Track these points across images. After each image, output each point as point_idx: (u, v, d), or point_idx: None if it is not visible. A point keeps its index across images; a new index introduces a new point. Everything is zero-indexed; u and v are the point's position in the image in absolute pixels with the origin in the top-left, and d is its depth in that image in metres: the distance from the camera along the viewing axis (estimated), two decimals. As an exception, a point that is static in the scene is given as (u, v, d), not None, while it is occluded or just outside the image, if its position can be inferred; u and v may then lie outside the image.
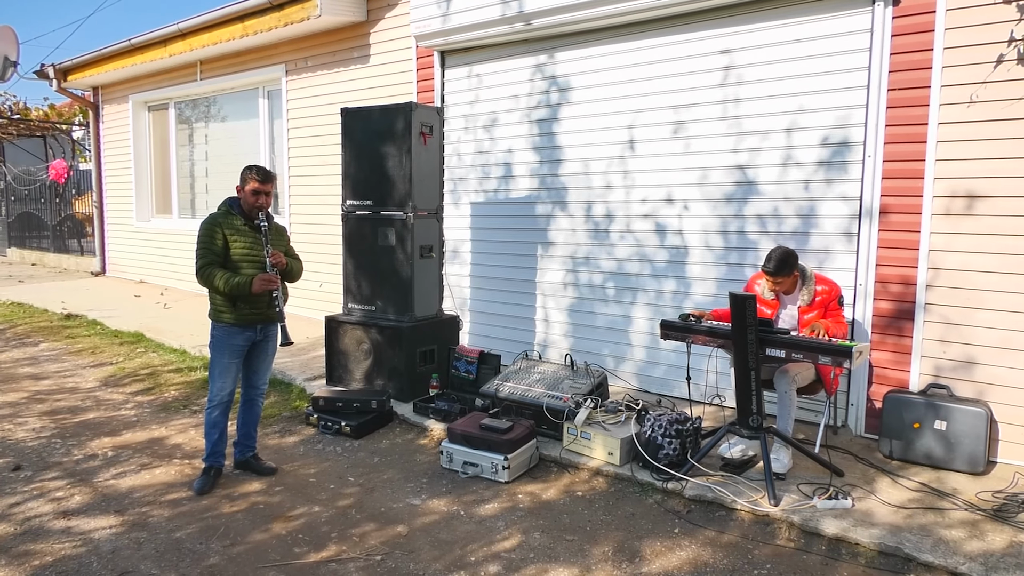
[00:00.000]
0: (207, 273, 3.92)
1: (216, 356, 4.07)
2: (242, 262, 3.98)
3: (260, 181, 3.98)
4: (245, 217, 4.02)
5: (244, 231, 4.01)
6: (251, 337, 4.09)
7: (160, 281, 10.87)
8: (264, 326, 4.14)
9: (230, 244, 3.96)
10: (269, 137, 8.97)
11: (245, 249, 3.99)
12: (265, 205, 4.03)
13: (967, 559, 3.15)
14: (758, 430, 3.93)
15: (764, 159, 4.93)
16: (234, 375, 4.11)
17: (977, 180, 4.14)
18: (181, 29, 8.75)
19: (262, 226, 4.01)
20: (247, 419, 4.30)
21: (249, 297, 3.97)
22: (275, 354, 4.32)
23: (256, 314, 4.04)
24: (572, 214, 5.95)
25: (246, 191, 3.99)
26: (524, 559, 3.35)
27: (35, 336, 7.95)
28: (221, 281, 3.89)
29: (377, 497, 4.01)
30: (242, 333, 4.05)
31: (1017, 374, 4.08)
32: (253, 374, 4.25)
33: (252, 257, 4.00)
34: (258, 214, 4.00)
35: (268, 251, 4.01)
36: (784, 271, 4.11)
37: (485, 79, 6.42)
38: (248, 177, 3.99)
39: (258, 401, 4.32)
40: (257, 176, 3.98)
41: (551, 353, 6.07)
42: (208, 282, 3.93)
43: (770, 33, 4.85)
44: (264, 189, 3.99)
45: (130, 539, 3.51)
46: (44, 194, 14.76)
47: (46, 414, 5.35)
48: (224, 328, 4.03)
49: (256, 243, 4.02)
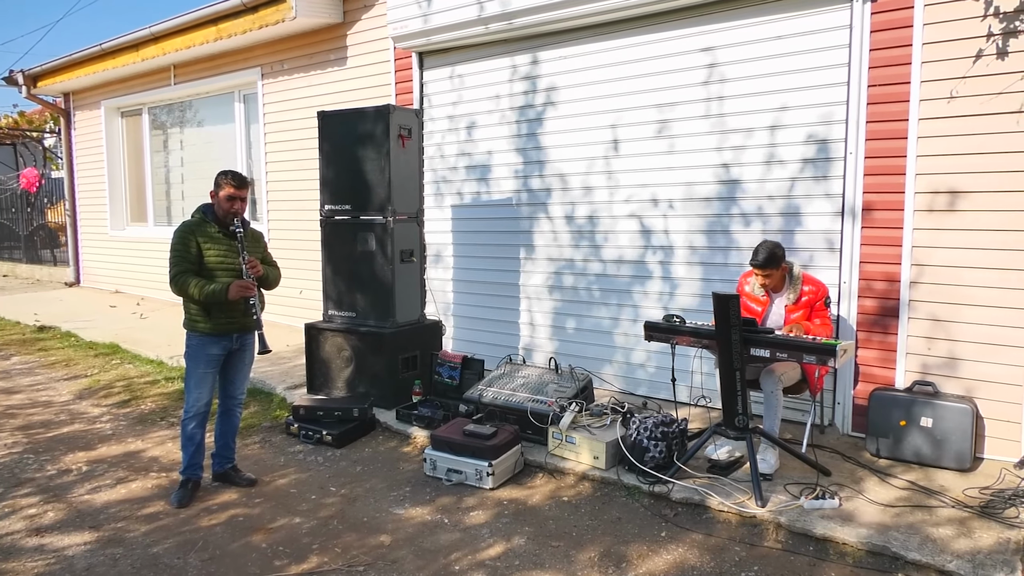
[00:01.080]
0: (181, 281, 3.82)
1: (192, 366, 3.98)
2: (217, 270, 3.89)
3: (235, 187, 3.90)
4: (219, 224, 3.93)
5: (218, 238, 3.92)
6: (227, 346, 4.01)
7: (136, 291, 10.69)
8: (240, 335, 4.05)
9: (204, 252, 3.87)
10: (246, 142, 8.85)
11: (220, 256, 3.90)
12: (240, 211, 3.94)
13: (955, 557, 3.13)
14: (744, 431, 3.90)
15: (747, 158, 4.91)
16: (210, 385, 4.01)
17: (959, 176, 4.14)
18: (153, 33, 8.61)
19: (237, 232, 3.92)
20: (225, 430, 4.21)
21: (224, 305, 3.88)
22: (252, 363, 4.23)
23: (232, 323, 3.96)
24: (555, 216, 5.90)
25: (220, 197, 3.91)
26: (510, 567, 3.29)
27: (7, 349, 7.78)
28: (196, 289, 3.80)
29: (359, 507, 3.93)
30: (218, 343, 3.96)
31: (1002, 370, 4.08)
32: (230, 384, 4.16)
33: (227, 264, 3.92)
34: (233, 220, 3.91)
35: (244, 258, 3.92)
36: (772, 264, 4.09)
37: (465, 80, 6.36)
38: (222, 183, 3.90)
39: (236, 411, 4.23)
40: (232, 181, 3.90)
41: (536, 357, 6.01)
42: (182, 290, 3.83)
43: (749, 30, 4.83)
44: (239, 195, 3.91)
45: (105, 555, 3.42)
46: (15, 203, 14.51)
47: (19, 429, 5.21)
48: (199, 338, 3.94)
49: (231, 250, 3.93)
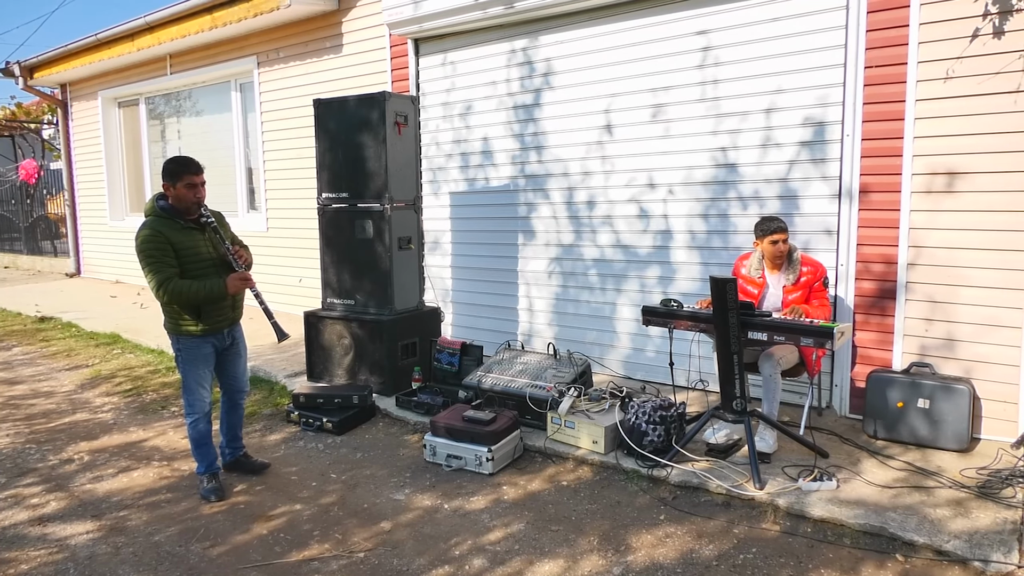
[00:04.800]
0: (171, 287, 3.61)
1: (189, 370, 3.85)
2: (194, 264, 3.72)
3: (194, 173, 3.67)
4: (181, 216, 3.72)
5: (186, 232, 3.71)
6: (219, 344, 3.94)
7: (136, 281, 10.68)
8: (230, 329, 3.99)
9: (177, 251, 3.66)
10: (243, 131, 8.82)
11: (192, 250, 3.72)
12: (203, 198, 3.74)
13: (952, 537, 3.15)
14: (742, 414, 3.91)
15: (744, 141, 4.89)
16: (210, 383, 3.95)
17: (956, 156, 4.12)
18: (148, 22, 8.57)
19: (209, 222, 3.76)
20: (232, 421, 4.21)
21: (214, 303, 3.79)
22: (247, 353, 4.20)
23: (222, 319, 3.88)
24: (553, 201, 5.89)
25: (180, 188, 3.66)
26: (509, 551, 3.31)
27: (8, 340, 7.80)
28: (195, 290, 3.64)
29: (360, 493, 3.96)
30: (210, 341, 3.89)
31: (999, 350, 4.08)
32: (232, 379, 4.12)
33: (203, 257, 3.76)
34: (197, 209, 3.72)
35: (229, 248, 3.80)
36: (785, 227, 4.20)
37: (461, 66, 6.33)
38: (178, 172, 3.66)
39: (241, 403, 4.23)
40: (189, 169, 3.67)
41: (535, 343, 6.02)
42: (176, 296, 3.64)
43: (744, 13, 4.80)
44: (200, 180, 3.70)
45: (108, 544, 3.44)
46: (15, 195, 14.48)
47: (21, 419, 5.23)
48: (190, 340, 3.83)
49: (202, 242, 3.77)
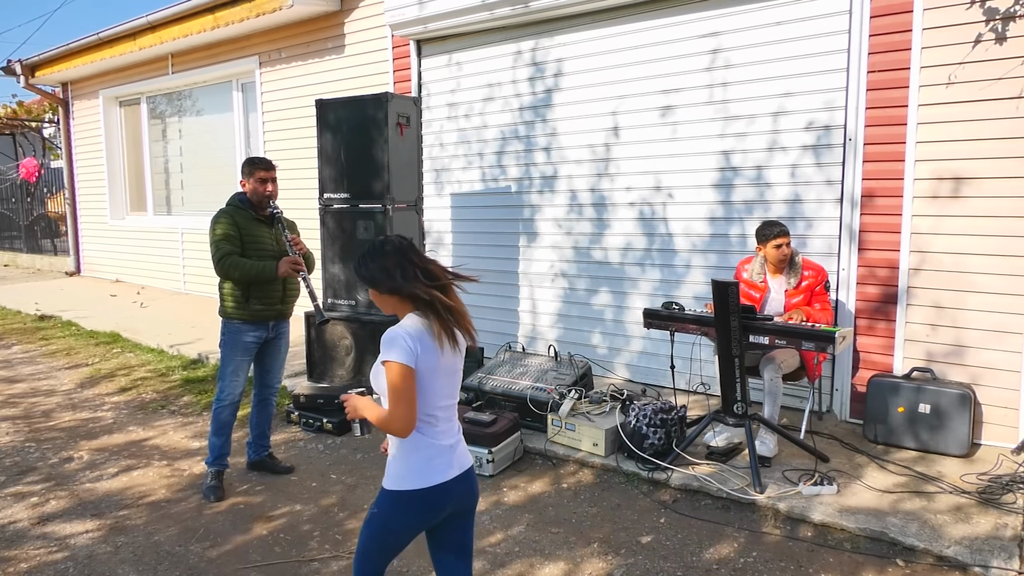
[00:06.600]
0: (228, 263, 3.83)
1: (228, 354, 3.99)
2: (256, 253, 3.93)
3: (265, 169, 3.96)
4: (255, 209, 3.98)
5: (255, 223, 3.97)
6: (263, 335, 4.02)
7: (136, 280, 10.70)
8: (276, 323, 4.08)
9: (243, 236, 3.91)
10: (244, 131, 8.82)
11: (256, 240, 3.95)
12: (274, 193, 3.99)
13: (952, 542, 3.15)
14: (743, 417, 3.91)
15: (750, 144, 4.90)
16: (245, 373, 4.04)
17: (959, 162, 4.13)
18: (150, 22, 8.57)
19: (276, 214, 3.98)
20: (261, 419, 4.25)
21: (263, 290, 3.93)
22: (287, 352, 4.25)
23: (268, 310, 3.99)
24: (556, 203, 5.89)
25: (253, 182, 3.94)
26: (509, 553, 3.31)
27: (8, 338, 7.79)
28: (248, 267, 3.84)
29: (360, 494, 3.95)
30: (253, 330, 3.98)
31: (1001, 356, 4.08)
32: (266, 373, 4.19)
33: (266, 247, 3.96)
34: (268, 204, 3.97)
35: (287, 236, 3.98)
36: (787, 231, 4.20)
37: (464, 67, 6.33)
38: (251, 169, 3.96)
39: (271, 400, 4.26)
40: (260, 165, 3.96)
41: (537, 345, 6.02)
42: (230, 271, 3.84)
43: (751, 16, 4.80)
44: (270, 176, 3.97)
45: (108, 543, 3.44)
46: (15, 193, 14.48)
47: (21, 418, 5.23)
48: (235, 325, 3.96)
49: (268, 235, 3.99)
